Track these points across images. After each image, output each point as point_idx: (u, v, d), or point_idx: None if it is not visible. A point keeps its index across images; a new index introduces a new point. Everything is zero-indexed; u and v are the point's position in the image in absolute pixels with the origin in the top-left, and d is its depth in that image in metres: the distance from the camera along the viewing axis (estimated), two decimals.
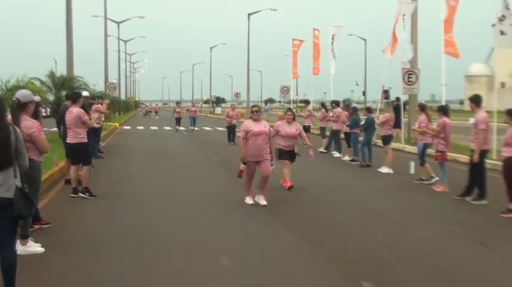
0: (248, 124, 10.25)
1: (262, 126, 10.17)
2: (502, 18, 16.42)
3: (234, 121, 25.10)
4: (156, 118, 61.31)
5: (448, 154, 12.84)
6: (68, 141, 10.84)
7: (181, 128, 34.41)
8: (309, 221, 8.96)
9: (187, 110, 35.12)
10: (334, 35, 32.01)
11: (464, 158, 15.00)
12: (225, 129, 26.18)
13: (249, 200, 10.25)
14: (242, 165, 10.56)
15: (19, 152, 5.09)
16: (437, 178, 12.66)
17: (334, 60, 32.02)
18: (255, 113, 10.44)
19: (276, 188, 11.78)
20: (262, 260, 6.92)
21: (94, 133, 15.72)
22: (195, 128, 34.66)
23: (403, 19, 22.44)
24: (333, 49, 32.13)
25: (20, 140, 5.14)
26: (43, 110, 9.70)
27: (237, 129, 24.06)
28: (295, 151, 11.94)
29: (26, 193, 5.06)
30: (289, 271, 6.47)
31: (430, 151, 13.56)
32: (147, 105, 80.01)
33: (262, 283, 6.10)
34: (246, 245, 7.60)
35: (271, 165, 10.36)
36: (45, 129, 8.06)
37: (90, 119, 11.30)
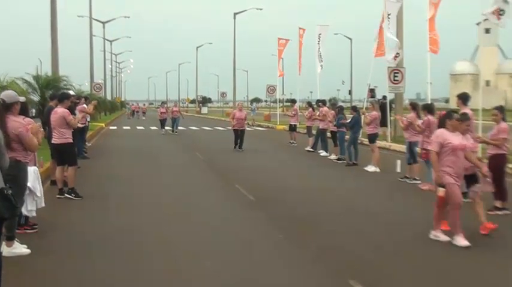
0: (444, 135, 7.79)
1: (461, 138, 7.83)
2: (501, 13, 16.30)
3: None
4: (143, 119, 60.99)
5: None
6: (53, 141, 10.77)
7: (167, 128, 33.93)
8: (295, 221, 8.96)
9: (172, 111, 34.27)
10: (320, 34, 32.16)
11: None
12: (212, 129, 26.08)
13: (445, 237, 7.78)
14: (441, 189, 7.87)
15: None
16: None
17: (321, 60, 32.16)
18: (463, 122, 7.89)
19: (260, 186, 11.77)
20: (248, 259, 6.92)
21: (80, 133, 15.62)
22: (179, 128, 33.87)
23: (389, 18, 22.56)
24: (319, 48, 32.27)
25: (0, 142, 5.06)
26: None
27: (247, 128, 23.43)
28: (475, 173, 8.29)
29: (6, 195, 4.98)
30: (276, 270, 6.46)
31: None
32: (132, 105, 78.12)
33: (248, 282, 6.09)
34: (232, 245, 7.59)
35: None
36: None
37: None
